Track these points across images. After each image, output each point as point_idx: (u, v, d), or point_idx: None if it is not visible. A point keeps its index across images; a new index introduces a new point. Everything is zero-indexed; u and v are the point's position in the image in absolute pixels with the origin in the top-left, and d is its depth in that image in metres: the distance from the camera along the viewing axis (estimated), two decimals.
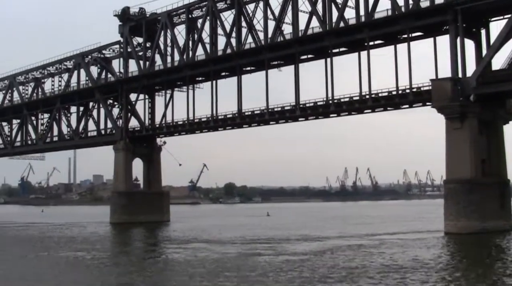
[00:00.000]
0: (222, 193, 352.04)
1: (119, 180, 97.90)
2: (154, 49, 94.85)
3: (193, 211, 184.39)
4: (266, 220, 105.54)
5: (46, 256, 45.39)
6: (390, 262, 37.08)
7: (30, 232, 78.40)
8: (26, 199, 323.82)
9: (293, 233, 66.85)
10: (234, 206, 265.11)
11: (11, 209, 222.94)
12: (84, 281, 32.30)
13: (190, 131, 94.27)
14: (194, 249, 49.18)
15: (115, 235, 71.40)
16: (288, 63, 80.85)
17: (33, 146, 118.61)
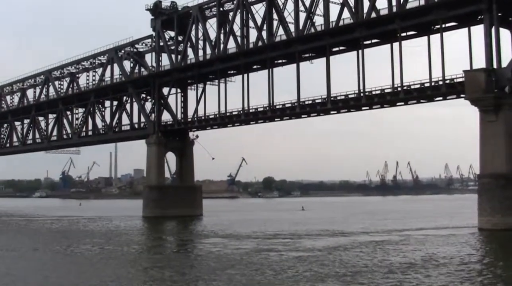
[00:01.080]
0: (261, 187, 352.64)
1: (152, 173, 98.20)
2: (185, 42, 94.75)
3: (229, 205, 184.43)
4: (298, 215, 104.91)
5: (63, 250, 45.49)
6: (399, 259, 36.12)
7: (54, 226, 79.11)
8: (67, 193, 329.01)
9: (318, 228, 66.32)
10: (272, 200, 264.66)
11: (50, 202, 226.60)
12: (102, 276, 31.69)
13: (221, 125, 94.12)
14: (211, 244, 49.20)
15: (140, 229, 71.33)
16: (320, 56, 79.61)
17: (69, 140, 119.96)
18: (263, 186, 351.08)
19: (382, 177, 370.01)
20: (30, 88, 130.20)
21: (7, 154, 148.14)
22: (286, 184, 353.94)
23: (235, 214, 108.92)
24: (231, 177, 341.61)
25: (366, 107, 76.75)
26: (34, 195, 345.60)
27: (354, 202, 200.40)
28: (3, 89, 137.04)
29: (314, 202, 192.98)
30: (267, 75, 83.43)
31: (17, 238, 57.67)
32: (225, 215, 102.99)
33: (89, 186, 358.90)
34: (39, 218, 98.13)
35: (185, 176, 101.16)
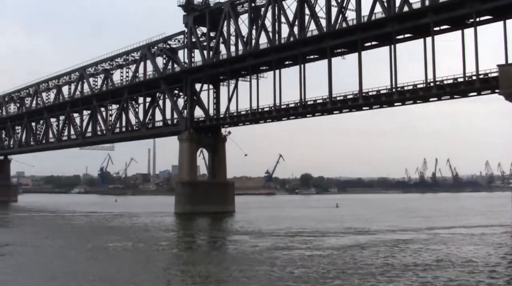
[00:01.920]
0: (298, 183, 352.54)
1: (184, 170, 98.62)
2: (217, 38, 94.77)
3: (265, 201, 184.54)
4: (331, 212, 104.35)
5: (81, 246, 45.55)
6: (408, 259, 35.20)
7: (79, 222, 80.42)
8: (105, 189, 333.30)
9: (344, 225, 66.13)
10: (309, 197, 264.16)
11: (87, 198, 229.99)
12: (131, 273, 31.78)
13: (253, 121, 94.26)
14: (231, 241, 49.41)
15: (166, 225, 71.19)
16: (352, 51, 78.91)
17: (103, 137, 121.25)
18: (300, 183, 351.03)
19: (421, 174, 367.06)
20: (66, 85, 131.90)
21: (43, 150, 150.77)
22: (323, 181, 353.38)
23: (267, 211, 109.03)
24: (268, 174, 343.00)
25: (399, 103, 75.98)
26: (73, 191, 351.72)
27: (391, 199, 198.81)
28: (39, 86, 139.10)
29: (350, 199, 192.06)
30: (298, 71, 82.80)
31: (34, 234, 58.35)
32: (257, 212, 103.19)
33: (127, 182, 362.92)
34: (67, 214, 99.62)
35: (217, 172, 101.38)
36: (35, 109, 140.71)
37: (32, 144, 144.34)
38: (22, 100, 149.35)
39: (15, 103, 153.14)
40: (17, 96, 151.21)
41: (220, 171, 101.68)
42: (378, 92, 73.99)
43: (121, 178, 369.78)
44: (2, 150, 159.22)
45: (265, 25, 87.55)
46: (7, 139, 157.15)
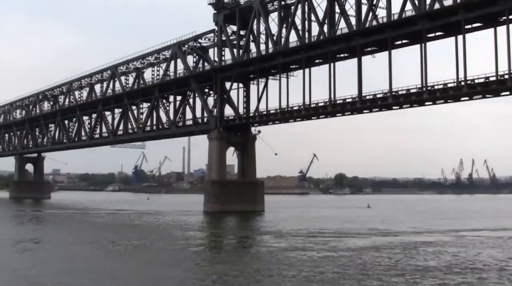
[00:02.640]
0: (332, 183, 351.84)
1: (213, 168, 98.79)
2: (247, 37, 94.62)
3: (297, 201, 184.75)
4: (360, 212, 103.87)
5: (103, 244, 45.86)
6: (424, 263, 34.42)
7: (101, 219, 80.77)
8: (139, 187, 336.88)
9: (368, 226, 65.83)
10: (343, 197, 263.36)
11: (120, 196, 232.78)
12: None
13: (282, 120, 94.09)
14: (248, 240, 49.93)
15: (192, 224, 71.30)
16: (382, 49, 78.13)
17: (133, 135, 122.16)
18: (334, 183, 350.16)
19: (457, 174, 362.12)
20: (98, 83, 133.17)
21: (75, 148, 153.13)
22: (358, 181, 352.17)
23: (296, 211, 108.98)
24: (302, 173, 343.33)
25: (429, 103, 74.90)
26: (107, 188, 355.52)
27: (425, 200, 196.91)
28: (72, 84, 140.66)
29: (384, 200, 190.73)
30: (328, 69, 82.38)
31: (52, 230, 59.25)
32: (286, 212, 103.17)
33: (161, 181, 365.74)
34: (93, 212, 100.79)
35: (247, 171, 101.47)
36: (67, 107, 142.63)
37: (65, 142, 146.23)
38: (56, 98, 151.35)
39: (48, 101, 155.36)
40: (50, 94, 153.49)
41: (249, 170, 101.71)
42: (408, 91, 73.15)
43: (155, 176, 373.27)
44: (36, 147, 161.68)
45: (295, 23, 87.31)
46: (40, 137, 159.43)
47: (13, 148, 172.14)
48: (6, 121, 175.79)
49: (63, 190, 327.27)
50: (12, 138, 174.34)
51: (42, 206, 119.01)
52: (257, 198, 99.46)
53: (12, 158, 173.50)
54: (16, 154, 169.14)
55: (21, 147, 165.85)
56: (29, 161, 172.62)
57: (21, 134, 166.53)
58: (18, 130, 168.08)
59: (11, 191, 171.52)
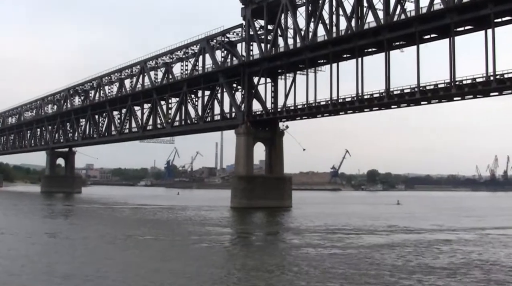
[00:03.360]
0: (364, 179, 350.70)
1: (240, 164, 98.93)
2: (275, 31, 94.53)
3: (328, 197, 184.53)
4: (389, 209, 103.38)
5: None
6: (434, 262, 33.71)
7: (124, 214, 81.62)
8: (171, 182, 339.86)
9: (390, 223, 65.54)
10: (375, 193, 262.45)
11: (151, 191, 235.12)
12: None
13: (310, 115, 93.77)
14: (261, 235, 50.02)
15: (213, 219, 71.32)
16: (410, 44, 77.36)
17: (162, 130, 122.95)
18: (367, 179, 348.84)
19: (492, 171, 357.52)
20: (127, 78, 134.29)
21: (105, 142, 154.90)
22: (391, 177, 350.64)
23: (323, 207, 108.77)
24: (334, 169, 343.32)
25: (458, 98, 74.07)
26: (139, 183, 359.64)
27: (458, 197, 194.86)
28: (102, 79, 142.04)
29: (415, 196, 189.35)
30: (356, 64, 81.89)
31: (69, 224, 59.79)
32: (313, 208, 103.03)
33: (193, 176, 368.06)
34: (118, 206, 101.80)
35: (274, 166, 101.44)
36: (97, 102, 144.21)
37: (95, 137, 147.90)
38: (86, 93, 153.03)
39: (79, 96, 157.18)
40: (81, 89, 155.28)
41: (277, 165, 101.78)
42: (435, 86, 72.41)
43: (187, 172, 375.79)
44: (67, 142, 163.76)
45: (323, 17, 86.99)
46: (71, 132, 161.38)
47: (44, 143, 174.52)
48: (38, 116, 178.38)
49: (96, 184, 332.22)
50: (44, 133, 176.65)
51: (71, 200, 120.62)
52: (285, 193, 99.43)
53: (44, 152, 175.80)
54: (47, 148, 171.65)
55: (52, 142, 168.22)
56: (60, 155, 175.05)
57: (52, 129, 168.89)
58: (49, 125, 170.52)
59: (42, 185, 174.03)
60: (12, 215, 73.21)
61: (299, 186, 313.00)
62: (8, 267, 30.34)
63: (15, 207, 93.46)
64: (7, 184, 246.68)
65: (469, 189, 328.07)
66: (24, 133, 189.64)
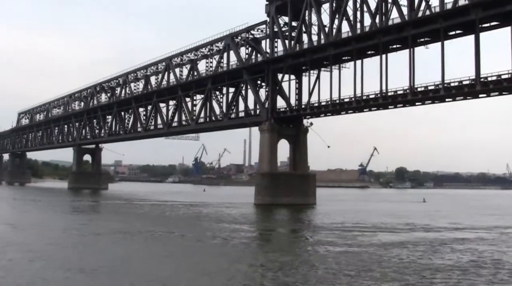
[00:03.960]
0: (393, 177, 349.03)
1: (264, 161, 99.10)
2: (299, 28, 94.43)
3: (354, 194, 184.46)
4: (412, 206, 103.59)
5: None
6: (439, 261, 33.06)
7: (143, 210, 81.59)
8: (198, 179, 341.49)
9: (407, 221, 65.09)
10: (403, 191, 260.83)
11: (178, 187, 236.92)
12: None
13: (334, 112, 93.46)
14: (274, 232, 50.12)
15: (232, 216, 71.17)
16: (435, 40, 76.69)
17: (187, 127, 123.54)
18: (395, 176, 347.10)
19: None
20: (153, 75, 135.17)
21: (131, 139, 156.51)
22: (419, 175, 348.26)
23: (347, 204, 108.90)
24: (362, 167, 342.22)
25: (483, 95, 73.43)
26: (167, 180, 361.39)
27: (486, 195, 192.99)
28: (128, 76, 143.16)
29: (443, 194, 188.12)
30: (379, 61, 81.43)
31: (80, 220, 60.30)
32: (337, 205, 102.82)
33: (220, 173, 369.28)
34: (139, 202, 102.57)
35: (298, 163, 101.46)
36: (123, 99, 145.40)
37: (121, 133, 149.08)
38: (113, 90, 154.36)
39: (106, 93, 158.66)
40: (107, 86, 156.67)
41: (301, 162, 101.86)
42: (460, 83, 71.76)
43: (214, 168, 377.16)
44: (93, 138, 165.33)
45: (347, 14, 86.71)
46: (98, 129, 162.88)
47: (72, 139, 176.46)
48: (65, 113, 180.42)
49: (124, 180, 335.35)
50: (71, 129, 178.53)
51: (94, 196, 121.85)
52: (309, 190, 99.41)
53: (71, 149, 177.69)
54: (74, 145, 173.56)
55: (79, 138, 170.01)
56: (87, 152, 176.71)
57: (79, 126, 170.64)
58: (76, 121, 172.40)
59: (69, 182, 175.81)
60: (26, 211, 74.71)
61: (327, 183, 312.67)
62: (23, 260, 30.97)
63: (34, 202, 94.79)
64: (35, 180, 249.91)
65: (499, 187, 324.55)
66: (51, 130, 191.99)
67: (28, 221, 55.97)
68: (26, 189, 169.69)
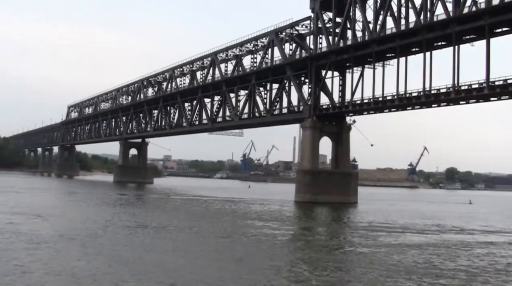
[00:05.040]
0: (443, 177, 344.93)
1: (305, 158, 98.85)
2: (343, 24, 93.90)
3: (401, 194, 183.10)
4: (453, 208, 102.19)
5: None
6: (450, 265, 32.07)
7: (172, 204, 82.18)
8: (246, 175, 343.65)
9: (437, 222, 64.17)
10: (453, 192, 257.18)
11: (225, 183, 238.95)
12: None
13: (376, 110, 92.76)
14: (292, 230, 49.43)
15: (263, 212, 71.21)
16: (481, 37, 75.26)
17: (230, 122, 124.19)
18: (445, 177, 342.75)
19: None
20: (199, 70, 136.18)
21: (175, 134, 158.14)
22: (470, 176, 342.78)
23: (390, 204, 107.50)
24: (411, 166, 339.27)
25: None
26: (215, 176, 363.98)
27: None
28: (174, 71, 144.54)
29: (493, 196, 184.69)
30: (423, 58, 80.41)
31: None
32: (379, 205, 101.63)
33: (268, 169, 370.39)
34: (174, 196, 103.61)
35: (340, 161, 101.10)
36: (169, 93, 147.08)
37: (166, 128, 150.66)
38: (159, 84, 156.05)
39: (152, 87, 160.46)
40: (154, 80, 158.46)
41: (343, 160, 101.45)
42: (505, 81, 70.38)
43: (262, 165, 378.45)
44: (139, 133, 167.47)
45: (392, 10, 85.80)
46: (144, 123, 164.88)
47: (118, 133, 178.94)
48: (113, 106, 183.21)
49: (172, 175, 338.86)
50: (118, 123, 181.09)
51: (133, 190, 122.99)
52: (350, 189, 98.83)
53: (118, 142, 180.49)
54: (121, 139, 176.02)
55: (125, 132, 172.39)
56: (133, 146, 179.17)
57: (126, 120, 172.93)
58: (123, 115, 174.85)
59: (115, 175, 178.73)
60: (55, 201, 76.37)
61: (375, 182, 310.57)
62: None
63: (69, 195, 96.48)
64: (84, 173, 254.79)
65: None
66: (99, 124, 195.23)
67: (54, 212, 56.83)
68: (72, 182, 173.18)
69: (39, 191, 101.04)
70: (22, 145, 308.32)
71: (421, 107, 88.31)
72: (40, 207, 62.31)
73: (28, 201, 70.93)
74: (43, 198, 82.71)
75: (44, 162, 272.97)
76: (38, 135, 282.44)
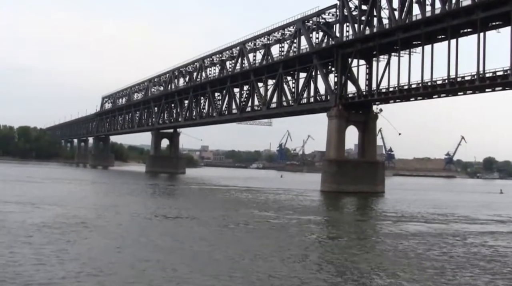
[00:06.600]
0: (480, 167, 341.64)
1: (331, 147, 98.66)
2: (369, 12, 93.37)
3: (436, 184, 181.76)
4: (483, 198, 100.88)
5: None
6: (442, 253, 31.74)
7: (194, 193, 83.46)
8: (282, 165, 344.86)
9: (453, 211, 63.73)
10: (490, 181, 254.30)
11: (260, 173, 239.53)
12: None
13: (402, 98, 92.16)
14: (303, 220, 48.83)
15: (284, 201, 71.44)
16: (508, 24, 74.18)
17: (258, 112, 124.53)
18: (483, 166, 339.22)
19: None
20: (228, 60, 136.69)
21: (206, 124, 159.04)
22: (509, 166, 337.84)
23: (418, 193, 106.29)
24: (448, 156, 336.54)
25: None
26: (252, 166, 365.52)
27: None
28: (204, 61, 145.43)
29: None
30: (447, 45, 79.64)
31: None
32: (406, 194, 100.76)
33: (304, 159, 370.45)
34: (202, 186, 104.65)
35: (367, 151, 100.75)
36: (199, 83, 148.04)
37: (196, 118, 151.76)
38: (190, 74, 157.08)
39: (184, 77, 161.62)
40: (185, 70, 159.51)
41: (369, 149, 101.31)
42: None
43: (298, 155, 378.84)
44: (170, 123, 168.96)
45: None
46: (175, 113, 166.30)
47: (151, 123, 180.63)
48: (145, 97, 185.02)
49: (209, 166, 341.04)
50: (150, 113, 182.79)
51: (170, 180, 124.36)
52: (377, 178, 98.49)
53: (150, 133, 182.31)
54: (153, 129, 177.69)
55: (157, 122, 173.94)
56: (165, 136, 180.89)
57: (158, 110, 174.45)
58: (155, 106, 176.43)
59: (147, 165, 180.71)
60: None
61: (411, 172, 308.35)
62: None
63: (92, 184, 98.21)
64: (119, 163, 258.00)
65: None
66: (132, 114, 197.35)
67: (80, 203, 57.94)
68: (105, 172, 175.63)
69: (58, 181, 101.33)
70: (59, 136, 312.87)
71: (447, 96, 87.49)
72: (44, 196, 62.74)
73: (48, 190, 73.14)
74: (62, 187, 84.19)
75: (80, 152, 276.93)
76: (73, 126, 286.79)
